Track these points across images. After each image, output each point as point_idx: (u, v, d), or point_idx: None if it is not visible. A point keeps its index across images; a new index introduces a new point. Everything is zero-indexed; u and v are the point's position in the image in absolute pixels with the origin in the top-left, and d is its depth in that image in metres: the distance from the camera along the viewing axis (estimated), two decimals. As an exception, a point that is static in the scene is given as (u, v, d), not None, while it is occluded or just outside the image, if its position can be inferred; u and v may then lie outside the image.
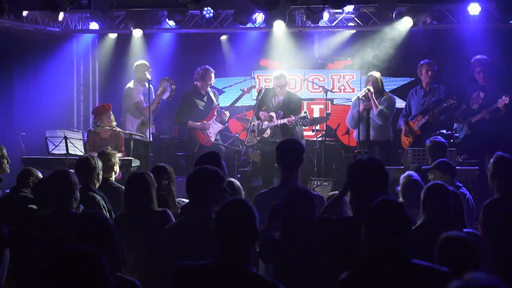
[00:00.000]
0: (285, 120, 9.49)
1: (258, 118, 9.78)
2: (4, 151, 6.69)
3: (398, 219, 3.21)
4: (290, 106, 9.65)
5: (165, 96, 10.07)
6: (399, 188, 5.65)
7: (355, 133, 9.70)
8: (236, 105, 10.28)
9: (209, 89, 10.07)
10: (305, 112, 9.52)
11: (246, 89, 10.18)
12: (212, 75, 9.95)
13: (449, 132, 8.90)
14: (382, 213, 3.23)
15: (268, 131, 9.79)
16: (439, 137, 7.61)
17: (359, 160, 4.14)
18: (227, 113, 10.04)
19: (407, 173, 5.74)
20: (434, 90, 9.60)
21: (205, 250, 3.39)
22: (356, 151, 4.47)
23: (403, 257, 3.20)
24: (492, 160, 5.39)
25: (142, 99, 9.95)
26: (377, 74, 9.62)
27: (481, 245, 4.05)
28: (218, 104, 10.15)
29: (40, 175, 6.14)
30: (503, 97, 8.92)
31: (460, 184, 6.27)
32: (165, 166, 5.60)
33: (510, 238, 5.04)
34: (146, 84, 9.70)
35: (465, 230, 4.37)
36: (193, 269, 3.21)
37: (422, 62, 9.70)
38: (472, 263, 3.45)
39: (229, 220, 3.17)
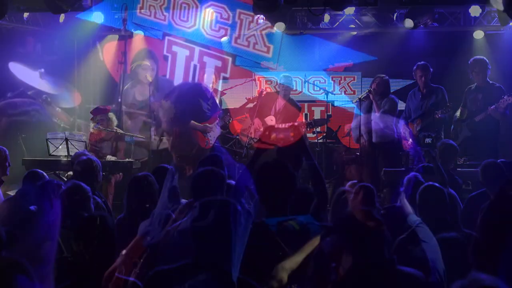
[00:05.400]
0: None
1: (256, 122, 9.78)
2: (6, 153, 6.65)
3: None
4: (290, 114, 9.67)
5: (149, 79, 9.93)
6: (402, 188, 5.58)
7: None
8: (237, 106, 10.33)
9: (213, 92, 10.09)
10: (309, 118, 9.55)
11: (251, 98, 10.21)
12: (213, 76, 9.97)
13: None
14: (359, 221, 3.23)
15: None
16: (450, 140, 7.60)
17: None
18: (228, 118, 10.06)
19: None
20: (431, 92, 9.49)
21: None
22: None
23: (387, 263, 3.20)
24: (479, 168, 5.47)
25: (140, 100, 9.94)
26: (385, 77, 9.54)
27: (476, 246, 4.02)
28: (221, 108, 10.16)
29: (47, 177, 6.12)
30: (505, 97, 8.89)
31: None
32: (166, 167, 5.59)
33: (507, 241, 5.03)
34: (143, 85, 9.71)
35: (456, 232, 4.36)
36: (167, 272, 3.14)
37: (415, 66, 9.57)
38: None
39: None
